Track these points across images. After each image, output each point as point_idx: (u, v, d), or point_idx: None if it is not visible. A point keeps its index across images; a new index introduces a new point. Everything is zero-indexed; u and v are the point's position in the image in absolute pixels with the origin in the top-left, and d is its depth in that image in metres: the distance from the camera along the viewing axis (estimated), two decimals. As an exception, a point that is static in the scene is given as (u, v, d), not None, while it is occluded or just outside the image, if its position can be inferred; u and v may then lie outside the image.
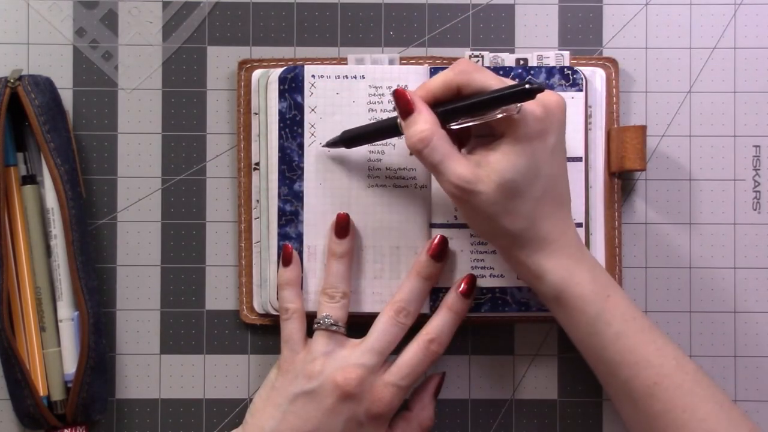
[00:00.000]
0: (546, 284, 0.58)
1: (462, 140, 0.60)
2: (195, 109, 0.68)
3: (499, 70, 0.64)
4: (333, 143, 0.64)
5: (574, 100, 0.64)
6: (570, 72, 0.64)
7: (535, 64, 0.66)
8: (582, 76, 0.64)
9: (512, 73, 0.64)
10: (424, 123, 0.57)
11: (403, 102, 0.58)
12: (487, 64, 0.66)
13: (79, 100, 0.68)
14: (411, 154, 0.59)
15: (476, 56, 0.66)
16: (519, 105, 0.55)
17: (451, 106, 0.58)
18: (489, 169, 0.56)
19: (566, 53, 0.66)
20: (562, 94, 0.61)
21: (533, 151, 0.56)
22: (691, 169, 0.68)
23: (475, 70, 0.58)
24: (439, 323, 0.63)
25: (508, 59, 0.66)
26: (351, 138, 0.63)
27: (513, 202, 0.57)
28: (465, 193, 0.56)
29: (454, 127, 0.58)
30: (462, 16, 0.68)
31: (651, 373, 0.56)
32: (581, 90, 0.65)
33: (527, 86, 0.54)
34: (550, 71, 0.64)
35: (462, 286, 0.63)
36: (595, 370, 0.60)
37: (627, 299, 0.59)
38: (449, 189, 0.57)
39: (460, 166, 0.56)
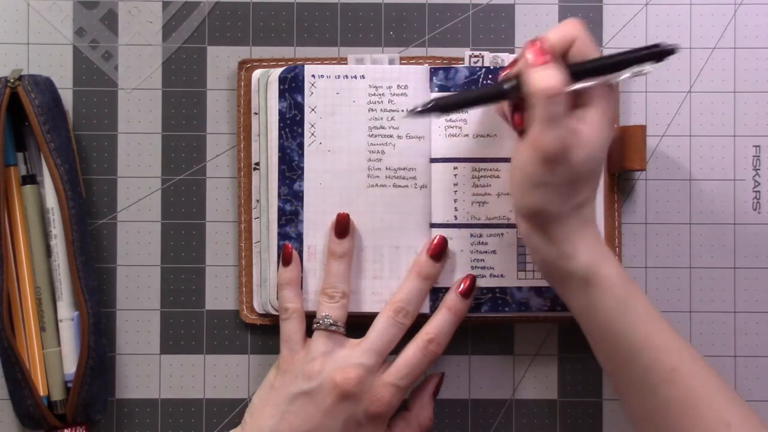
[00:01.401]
0: (577, 263, 0.57)
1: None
2: (195, 109, 0.68)
3: (498, 71, 0.64)
4: (424, 110, 0.60)
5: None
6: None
7: None
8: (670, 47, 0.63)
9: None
10: (557, 74, 0.55)
11: (538, 51, 0.56)
12: (487, 64, 0.66)
13: (79, 100, 0.68)
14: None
15: (476, 56, 0.66)
16: (651, 67, 0.56)
17: (581, 65, 0.57)
18: (581, 139, 0.56)
19: None
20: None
21: (612, 126, 0.57)
22: (691, 169, 0.68)
23: (585, 31, 0.57)
24: (439, 323, 0.63)
25: (508, 59, 0.66)
26: (448, 105, 0.60)
27: (588, 175, 0.57)
28: (560, 157, 0.55)
29: (577, 86, 0.57)
30: (462, 16, 0.68)
31: (671, 359, 0.56)
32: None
33: (662, 46, 0.55)
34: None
35: (462, 286, 0.63)
36: (610, 361, 0.59)
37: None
38: (548, 145, 0.55)
39: (565, 128, 0.55)
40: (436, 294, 0.65)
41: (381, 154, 0.65)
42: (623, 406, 0.60)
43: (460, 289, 0.63)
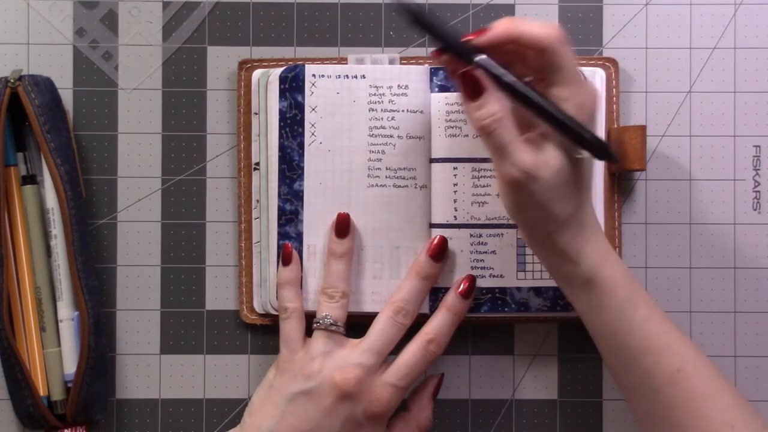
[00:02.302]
0: (582, 267, 0.57)
1: None
2: (195, 109, 0.68)
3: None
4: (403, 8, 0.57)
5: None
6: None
7: None
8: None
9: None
10: (495, 103, 0.55)
11: (472, 82, 0.55)
12: (487, 64, 0.66)
13: (79, 100, 0.68)
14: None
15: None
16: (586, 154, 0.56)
17: (527, 96, 0.55)
18: (547, 155, 0.55)
19: None
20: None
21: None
22: (691, 169, 0.68)
23: (565, 45, 0.56)
24: (438, 323, 0.63)
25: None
26: (422, 23, 0.56)
27: (566, 188, 0.56)
28: (527, 179, 0.55)
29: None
30: (462, 16, 0.68)
31: (674, 360, 0.56)
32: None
33: (604, 145, 0.56)
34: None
35: (461, 286, 0.63)
36: (614, 360, 0.59)
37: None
38: (511, 173, 0.55)
39: (524, 151, 0.55)
40: (436, 294, 0.64)
41: (381, 154, 0.65)
42: (628, 406, 0.60)
43: (459, 290, 0.63)
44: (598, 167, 0.66)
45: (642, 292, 0.58)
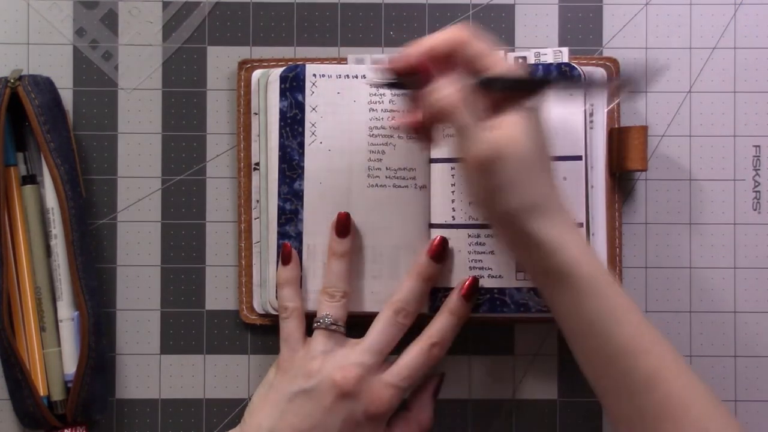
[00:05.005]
0: (557, 260, 0.55)
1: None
2: (195, 109, 0.68)
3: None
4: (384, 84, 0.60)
5: (572, 97, 0.64)
6: (568, 69, 0.64)
7: (533, 62, 0.65)
8: (580, 72, 0.64)
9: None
10: (449, 85, 0.56)
11: (423, 69, 0.56)
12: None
13: (79, 100, 0.68)
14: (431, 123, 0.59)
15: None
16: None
17: (494, 77, 0.56)
18: (512, 130, 0.55)
19: (565, 50, 0.65)
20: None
21: (541, 117, 0.57)
22: (691, 169, 0.68)
23: (474, 36, 0.57)
24: (442, 327, 0.63)
25: (508, 58, 0.66)
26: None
27: (534, 166, 0.55)
28: (497, 155, 0.54)
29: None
30: (462, 16, 0.68)
31: (650, 364, 0.55)
32: (580, 87, 0.65)
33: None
34: (548, 68, 0.64)
35: (463, 288, 0.63)
36: (590, 363, 0.57)
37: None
38: (480, 151, 0.54)
39: (490, 128, 0.55)
40: (436, 294, 0.64)
41: (381, 154, 0.65)
42: (603, 408, 0.59)
43: (461, 292, 0.63)
44: (599, 171, 0.66)
45: (620, 290, 0.56)
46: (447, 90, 0.56)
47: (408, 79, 0.58)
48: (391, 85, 0.60)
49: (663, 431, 0.54)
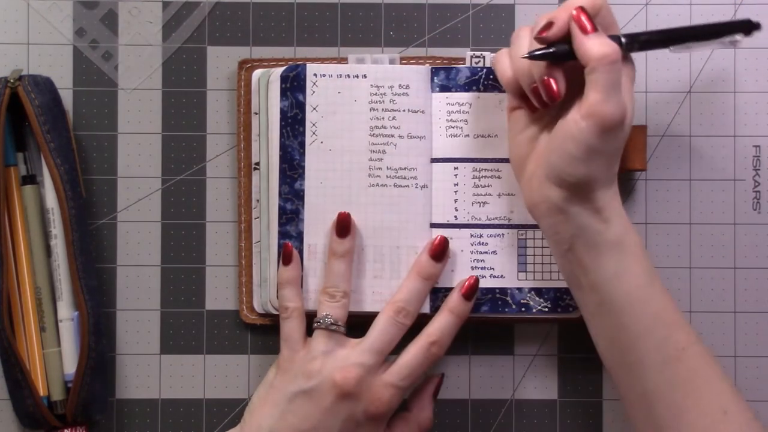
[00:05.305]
0: (612, 228, 0.57)
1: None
2: (195, 109, 0.68)
3: None
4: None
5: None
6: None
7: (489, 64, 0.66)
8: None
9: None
10: (612, 42, 0.56)
11: (588, 19, 0.56)
12: (488, 64, 0.66)
13: (79, 100, 0.68)
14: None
15: (477, 57, 0.66)
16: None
17: (643, 35, 0.58)
18: (629, 103, 0.57)
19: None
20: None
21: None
22: (691, 169, 0.68)
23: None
24: (441, 325, 0.63)
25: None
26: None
27: (625, 142, 0.58)
28: (623, 121, 0.56)
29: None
30: (462, 16, 0.69)
31: (682, 337, 0.57)
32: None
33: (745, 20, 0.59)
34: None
35: (464, 288, 0.63)
36: (622, 336, 0.57)
37: None
38: (615, 111, 0.55)
39: (621, 95, 0.56)
40: (436, 294, 0.65)
41: (382, 154, 0.65)
42: (620, 388, 0.59)
43: (462, 291, 0.63)
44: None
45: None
46: (609, 43, 0.55)
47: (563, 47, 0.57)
48: (552, 56, 0.57)
49: (687, 406, 0.56)
